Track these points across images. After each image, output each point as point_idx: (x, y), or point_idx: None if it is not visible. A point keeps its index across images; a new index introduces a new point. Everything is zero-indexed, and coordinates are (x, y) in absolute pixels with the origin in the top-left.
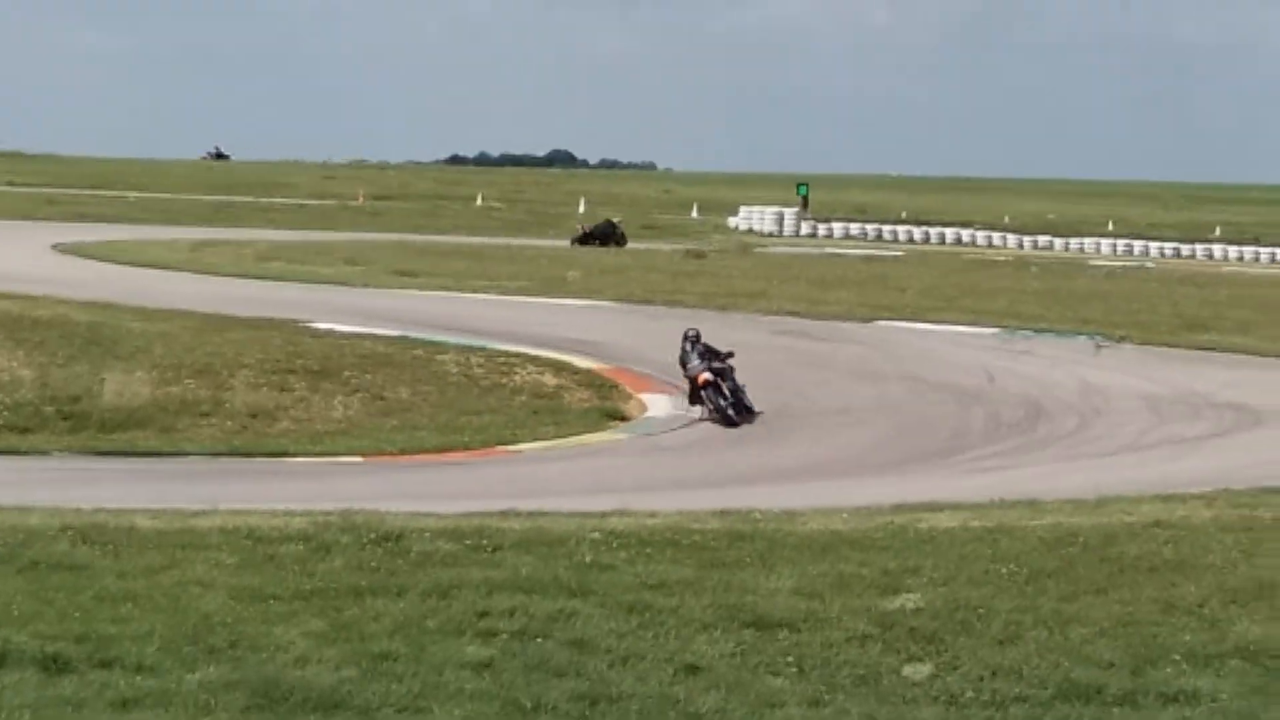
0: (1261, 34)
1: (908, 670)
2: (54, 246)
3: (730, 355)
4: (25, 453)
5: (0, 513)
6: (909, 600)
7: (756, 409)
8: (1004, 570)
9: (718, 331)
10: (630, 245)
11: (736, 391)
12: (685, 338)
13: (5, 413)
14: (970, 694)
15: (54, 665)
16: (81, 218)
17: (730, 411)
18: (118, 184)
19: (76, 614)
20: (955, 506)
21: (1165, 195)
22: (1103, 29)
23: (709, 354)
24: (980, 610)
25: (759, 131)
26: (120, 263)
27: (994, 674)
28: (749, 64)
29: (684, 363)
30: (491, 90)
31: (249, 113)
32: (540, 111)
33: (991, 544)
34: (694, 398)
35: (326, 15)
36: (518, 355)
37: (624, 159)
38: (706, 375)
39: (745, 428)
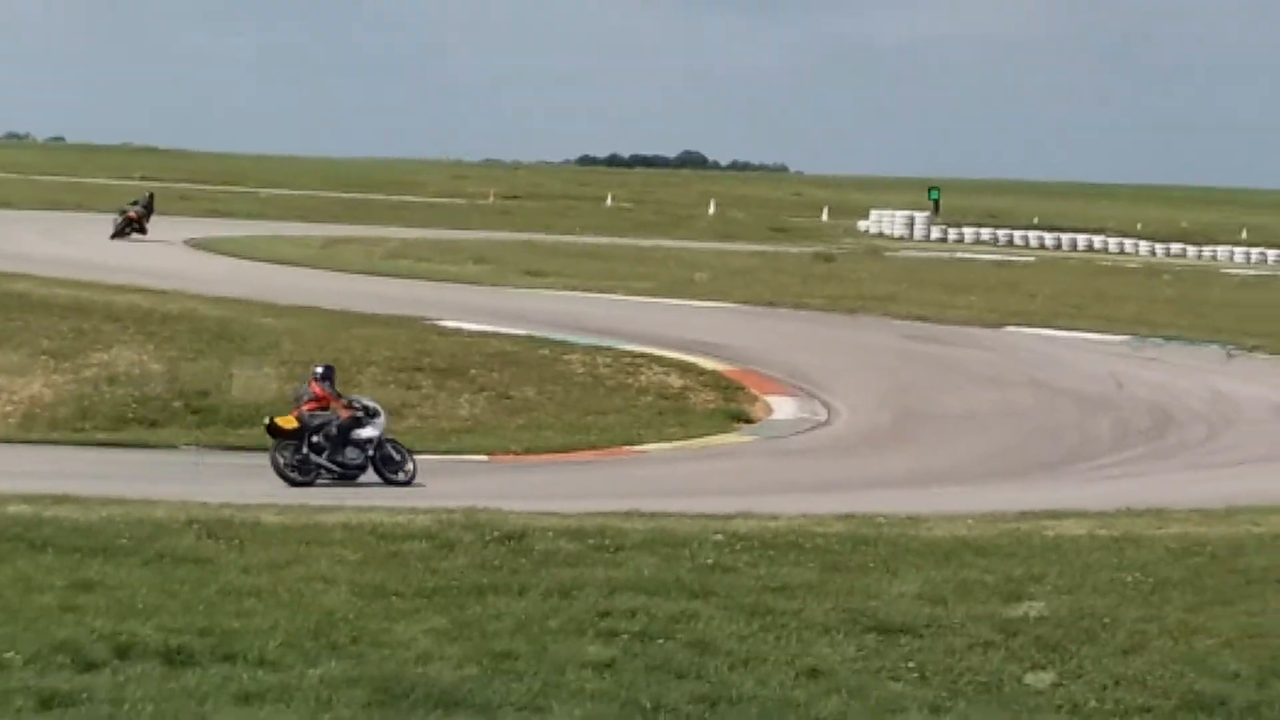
0: None
1: (1030, 678)
2: (186, 242)
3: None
4: (154, 446)
5: (128, 505)
6: (1033, 608)
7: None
8: (1129, 579)
9: (846, 334)
10: (758, 248)
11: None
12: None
13: (135, 405)
14: (1093, 703)
15: (177, 658)
16: (214, 214)
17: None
18: (250, 180)
19: (201, 607)
20: (1081, 514)
21: None
22: (1231, 45)
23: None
24: (1105, 619)
25: (891, 135)
26: (251, 259)
27: (1117, 683)
28: (881, 69)
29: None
30: (623, 92)
31: (382, 111)
32: (672, 113)
33: (1117, 553)
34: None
35: (461, 17)
36: (644, 356)
37: (755, 160)
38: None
39: (872, 434)
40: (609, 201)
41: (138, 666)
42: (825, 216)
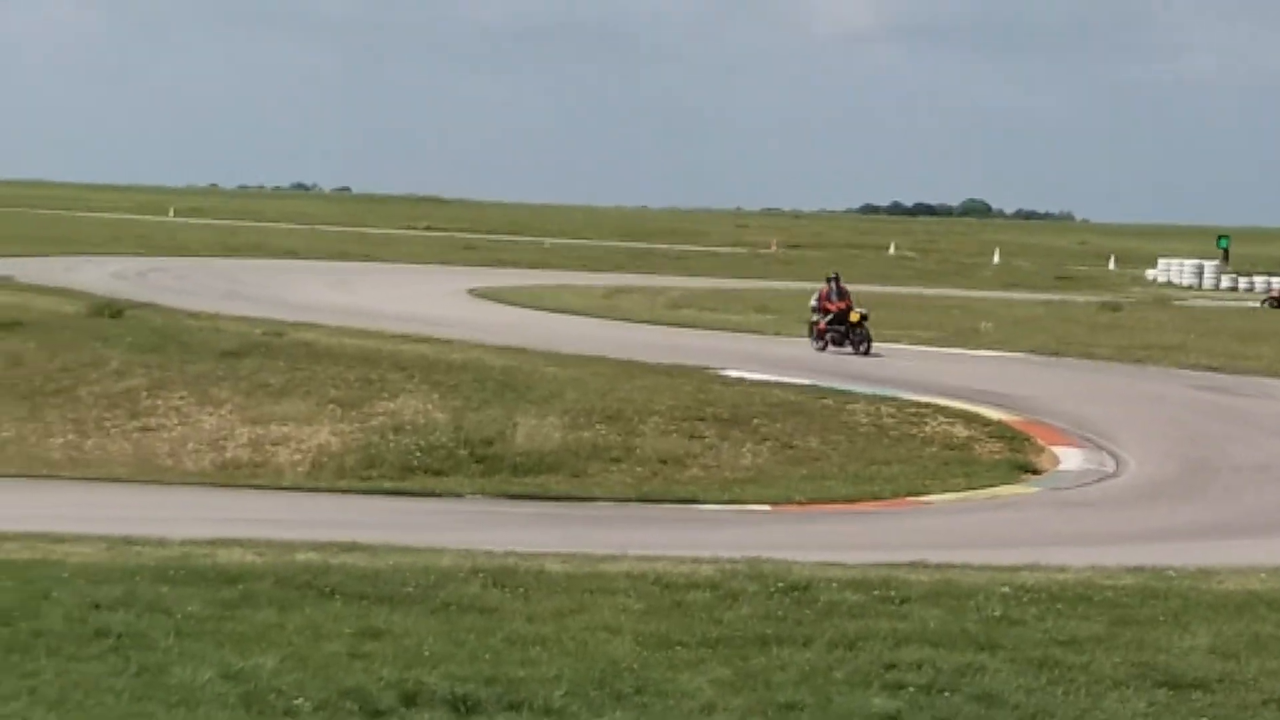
0: None
1: None
2: (470, 291)
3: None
4: (439, 494)
5: (414, 554)
6: None
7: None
8: None
9: (1134, 384)
10: (1044, 297)
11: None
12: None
13: (420, 454)
14: None
15: (464, 706)
16: (498, 263)
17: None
18: (533, 230)
19: (486, 656)
20: None
21: None
22: None
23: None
24: None
25: (1178, 182)
26: (535, 308)
27: None
28: (1167, 114)
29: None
30: (906, 140)
31: (664, 161)
32: (955, 161)
33: None
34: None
35: (739, 66)
36: (928, 406)
37: (1040, 209)
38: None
39: (1161, 485)
40: (892, 250)
41: (425, 714)
42: (1112, 265)
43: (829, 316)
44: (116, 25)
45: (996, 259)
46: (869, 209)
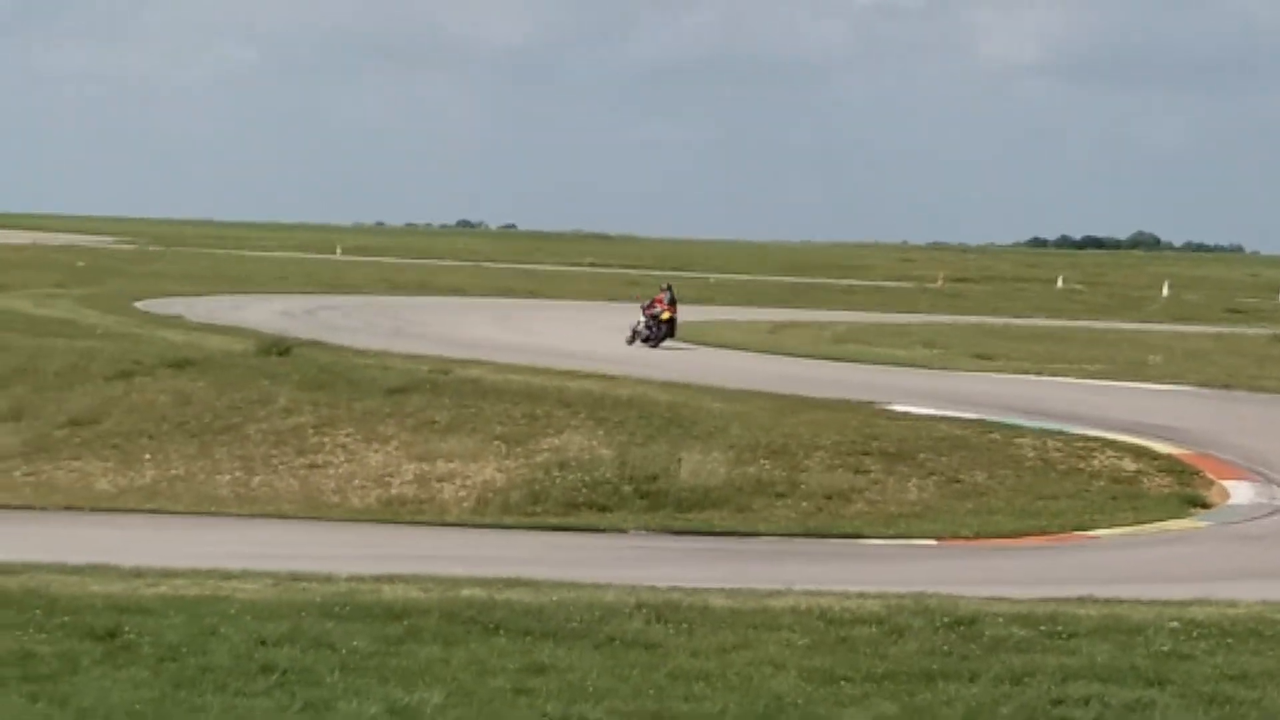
0: None
1: None
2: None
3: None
4: (604, 530)
5: (578, 589)
6: None
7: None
8: None
9: None
10: (1214, 330)
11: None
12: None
13: (585, 490)
14: None
15: None
16: None
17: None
18: (698, 265)
19: (650, 691)
20: None
21: None
22: None
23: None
24: None
25: None
26: (699, 344)
27: None
28: None
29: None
30: (1074, 173)
31: (829, 195)
32: (1123, 194)
33: None
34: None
35: (905, 99)
36: (1096, 440)
37: (1210, 241)
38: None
39: None
40: (1059, 284)
41: None
42: None
43: (656, 312)
44: (284, 65)
45: (1166, 292)
46: (1037, 242)
